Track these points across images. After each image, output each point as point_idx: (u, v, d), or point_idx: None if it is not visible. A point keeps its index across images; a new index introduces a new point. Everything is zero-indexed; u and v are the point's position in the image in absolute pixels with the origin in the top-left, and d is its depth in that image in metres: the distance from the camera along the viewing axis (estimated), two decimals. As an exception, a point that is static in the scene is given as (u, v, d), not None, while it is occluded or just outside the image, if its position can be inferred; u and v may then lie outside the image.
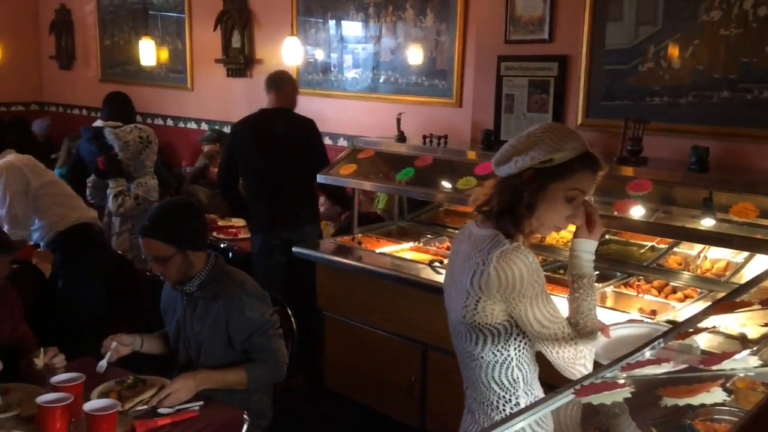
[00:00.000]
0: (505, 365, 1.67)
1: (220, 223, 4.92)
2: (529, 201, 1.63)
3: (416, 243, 3.64)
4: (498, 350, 1.67)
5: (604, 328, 1.73)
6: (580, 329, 1.64)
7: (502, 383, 1.68)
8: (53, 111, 8.00)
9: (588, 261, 1.70)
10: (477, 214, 1.74)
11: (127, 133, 4.42)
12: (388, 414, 3.40)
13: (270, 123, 3.95)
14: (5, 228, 3.38)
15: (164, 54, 6.43)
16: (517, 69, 3.76)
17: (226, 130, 6.08)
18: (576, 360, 1.61)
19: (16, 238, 3.40)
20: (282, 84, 4.03)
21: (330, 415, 3.63)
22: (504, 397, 1.68)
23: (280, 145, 3.90)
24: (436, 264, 3.20)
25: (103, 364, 2.28)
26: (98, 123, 4.65)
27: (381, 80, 5.02)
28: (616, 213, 2.78)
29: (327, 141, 5.23)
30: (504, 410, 1.67)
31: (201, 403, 2.16)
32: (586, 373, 1.59)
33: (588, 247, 1.70)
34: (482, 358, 1.68)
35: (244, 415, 2.18)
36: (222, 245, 4.42)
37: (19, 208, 3.44)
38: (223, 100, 6.18)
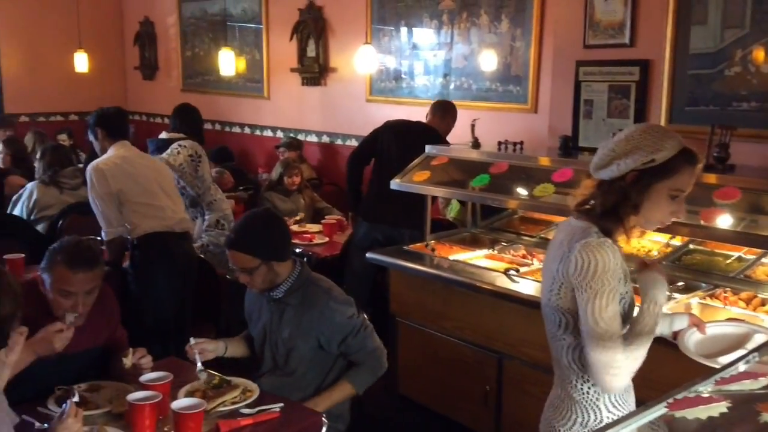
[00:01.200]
0: (581, 348, 1.72)
1: (296, 228, 5.01)
2: (635, 202, 1.70)
3: (491, 250, 3.61)
4: (576, 333, 1.74)
5: (700, 325, 1.81)
6: (626, 345, 1.65)
7: (580, 364, 1.75)
8: (137, 119, 8.32)
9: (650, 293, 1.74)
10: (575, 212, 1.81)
11: (175, 156, 4.42)
12: (462, 423, 3.38)
13: (420, 131, 4.18)
14: (102, 228, 3.56)
15: (242, 64, 6.61)
16: (596, 74, 3.69)
17: (301, 137, 6.21)
18: (609, 368, 1.63)
19: (111, 236, 3.56)
20: (447, 113, 4.35)
21: (403, 422, 3.63)
22: (582, 377, 1.76)
23: (416, 148, 3.98)
24: (512, 272, 3.16)
25: (200, 367, 2.35)
26: (163, 135, 4.77)
27: (452, 87, 5.02)
28: (702, 222, 2.69)
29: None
30: (582, 389, 1.76)
31: (281, 404, 2.20)
32: (614, 385, 1.65)
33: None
34: (564, 339, 1.78)
35: (323, 418, 2.21)
36: (297, 250, 4.50)
37: (106, 207, 3.56)
38: (297, 109, 6.31)
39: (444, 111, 4.34)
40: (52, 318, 2.38)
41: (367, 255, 3.68)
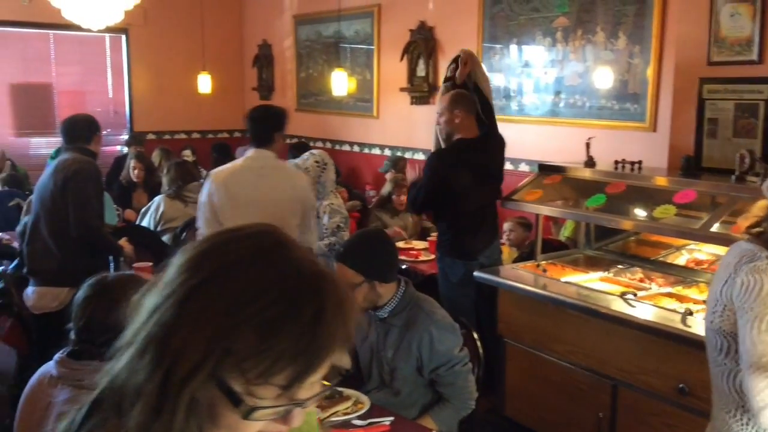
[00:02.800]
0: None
1: (402, 245, 5.05)
2: None
3: (606, 273, 3.50)
4: (738, 359, 1.69)
5: None
6: None
7: (741, 392, 1.69)
8: (252, 138, 8.70)
9: None
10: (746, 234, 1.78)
11: (305, 160, 4.62)
12: (571, 449, 3.27)
13: (483, 145, 3.91)
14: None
15: (353, 84, 6.78)
16: (721, 92, 3.52)
17: (409, 155, 6.28)
18: (760, 393, 1.58)
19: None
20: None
21: (509, 445, 3.57)
22: (742, 406, 1.70)
23: (488, 166, 3.89)
24: (629, 296, 3.05)
25: None
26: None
27: (563, 104, 4.93)
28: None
29: (508, 166, 5.22)
30: (741, 420, 1.70)
31: (392, 418, 2.22)
32: (765, 415, 1.58)
33: None
34: (724, 364, 1.74)
35: (433, 434, 2.21)
36: (403, 266, 4.54)
37: (202, 215, 3.66)
38: (406, 127, 6.38)
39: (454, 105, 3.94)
40: None
41: (475, 274, 3.65)
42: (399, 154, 6.36)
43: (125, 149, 7.16)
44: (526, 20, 5.10)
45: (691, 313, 2.81)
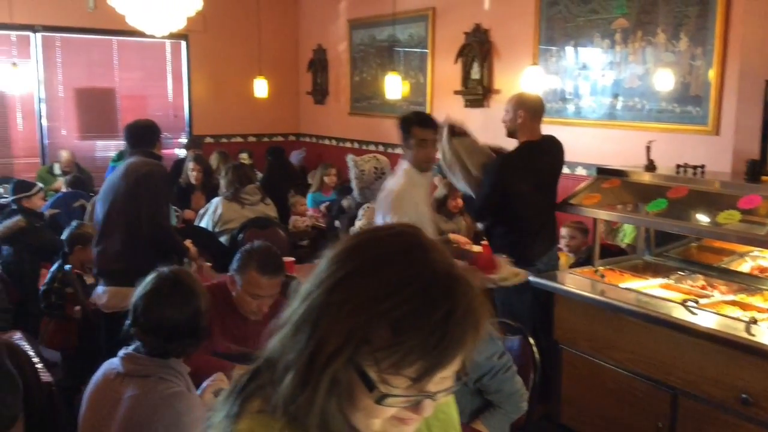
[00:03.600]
0: None
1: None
2: None
3: (666, 280, 3.41)
4: None
5: None
6: None
7: None
8: (307, 141, 8.82)
9: None
10: None
11: (365, 162, 4.67)
12: (629, 459, 3.21)
13: (547, 148, 3.88)
14: None
15: (406, 87, 6.79)
16: (790, 93, 3.40)
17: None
18: None
19: None
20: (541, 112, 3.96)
21: (564, 452, 3.52)
22: None
23: (550, 170, 3.88)
24: (691, 303, 2.97)
25: None
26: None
27: (621, 107, 4.84)
28: None
29: (564, 169, 5.15)
30: None
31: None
32: None
33: None
34: None
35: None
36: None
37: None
38: (460, 130, 6.35)
39: (541, 112, 3.91)
40: (239, 315, 2.60)
41: (531, 279, 3.61)
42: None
43: (184, 152, 7.34)
44: (584, 22, 5.03)
45: (755, 322, 2.73)
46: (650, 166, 3.67)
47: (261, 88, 7.36)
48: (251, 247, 2.63)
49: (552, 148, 3.91)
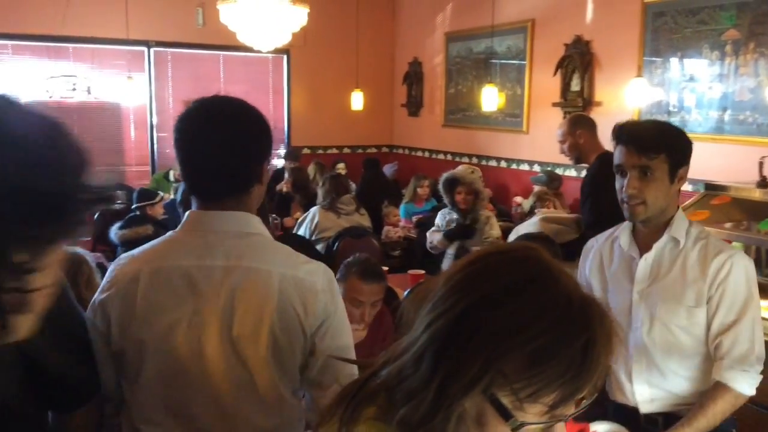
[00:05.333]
0: None
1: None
2: None
3: (780, 301, 3.24)
4: None
5: None
6: None
7: None
8: (400, 153, 8.90)
9: None
10: None
11: (469, 173, 4.67)
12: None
13: None
14: None
15: (502, 99, 6.76)
16: None
17: (560, 171, 6.16)
18: None
19: None
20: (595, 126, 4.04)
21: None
22: None
23: None
24: (809, 327, 2.80)
25: None
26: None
27: (730, 120, 4.63)
28: None
29: (669, 185, 4.97)
30: None
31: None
32: None
33: None
34: None
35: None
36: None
37: None
38: (557, 143, 6.25)
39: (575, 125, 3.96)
40: None
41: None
42: (549, 169, 6.25)
43: (282, 162, 7.58)
44: (692, 33, 4.86)
45: None
46: (763, 183, 3.50)
47: (357, 100, 7.50)
48: (352, 258, 2.72)
49: None
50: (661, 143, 1.86)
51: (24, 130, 0.72)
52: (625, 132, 1.91)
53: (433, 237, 4.56)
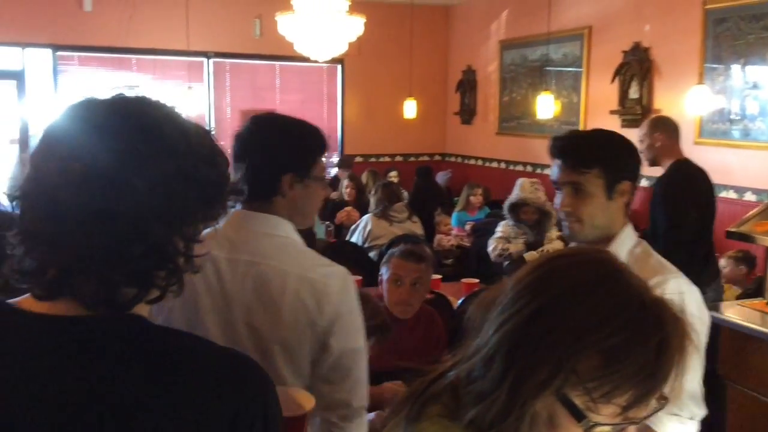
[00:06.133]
0: None
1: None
2: None
3: None
4: None
5: None
6: None
7: None
8: (452, 161, 8.89)
9: None
10: None
11: (533, 191, 4.61)
12: None
13: (700, 170, 3.78)
14: None
15: (558, 107, 6.68)
16: None
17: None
18: None
19: None
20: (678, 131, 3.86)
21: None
22: None
23: (706, 191, 3.73)
24: None
25: None
26: None
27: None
28: None
29: (731, 194, 4.83)
30: None
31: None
32: None
33: None
34: None
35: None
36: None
37: None
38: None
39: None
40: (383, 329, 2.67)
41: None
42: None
43: (335, 170, 7.65)
44: (756, 39, 4.72)
45: None
46: (834, 193, 3.36)
47: (410, 109, 7.52)
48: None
49: (701, 170, 3.74)
50: (592, 157, 1.70)
51: (197, 132, 0.94)
52: (556, 146, 1.77)
53: (505, 245, 4.53)
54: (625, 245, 1.74)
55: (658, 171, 3.81)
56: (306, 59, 5.43)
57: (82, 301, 0.85)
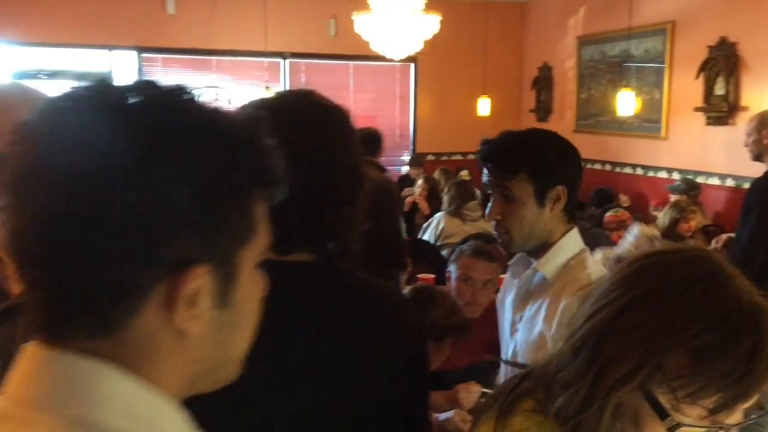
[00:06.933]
0: None
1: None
2: None
3: None
4: None
5: None
6: None
7: None
8: (527, 159, 8.74)
9: None
10: None
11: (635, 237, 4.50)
12: None
13: None
14: None
15: (639, 104, 6.47)
16: None
17: (701, 179, 5.81)
18: None
19: None
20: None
21: None
22: None
23: None
24: None
25: None
26: None
27: None
28: None
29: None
30: None
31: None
32: None
33: None
34: None
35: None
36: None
37: None
38: (699, 150, 5.92)
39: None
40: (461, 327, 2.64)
41: None
42: (690, 177, 5.92)
43: (407, 168, 7.67)
44: None
45: None
46: None
47: (484, 106, 7.45)
48: (466, 244, 2.84)
49: None
50: (518, 160, 1.57)
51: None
52: (482, 149, 1.65)
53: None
54: (561, 255, 1.61)
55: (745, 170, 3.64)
56: (380, 58, 5.46)
57: (311, 252, 1.09)
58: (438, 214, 5.49)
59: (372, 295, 1.15)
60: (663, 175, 6.39)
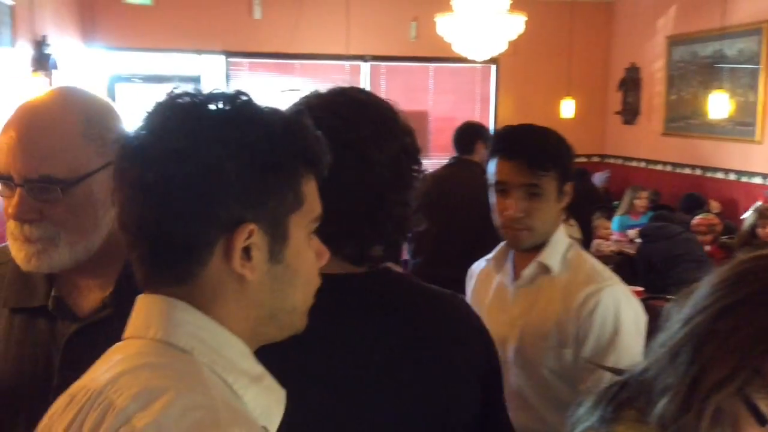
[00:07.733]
0: None
1: None
2: None
3: None
4: None
5: None
6: None
7: None
8: (612, 163, 8.50)
9: None
10: None
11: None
12: None
13: None
14: None
15: (732, 106, 6.18)
16: None
17: (800, 187, 5.49)
18: None
19: None
20: None
21: None
22: None
23: None
24: None
25: None
26: None
27: None
28: None
29: None
30: None
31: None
32: None
33: None
34: None
35: None
36: None
37: None
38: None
39: None
40: None
41: None
42: (786, 184, 5.61)
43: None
44: None
45: None
46: None
47: (568, 108, 7.28)
48: None
49: None
50: (551, 157, 1.60)
51: (402, 116, 1.16)
52: (508, 142, 1.64)
53: None
54: (558, 249, 1.66)
55: None
56: (461, 60, 5.43)
57: (348, 260, 1.05)
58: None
59: (439, 301, 1.14)
60: (758, 180, 6.06)
